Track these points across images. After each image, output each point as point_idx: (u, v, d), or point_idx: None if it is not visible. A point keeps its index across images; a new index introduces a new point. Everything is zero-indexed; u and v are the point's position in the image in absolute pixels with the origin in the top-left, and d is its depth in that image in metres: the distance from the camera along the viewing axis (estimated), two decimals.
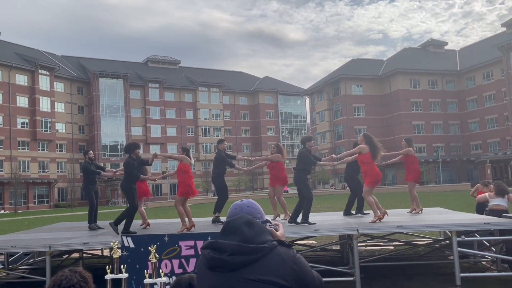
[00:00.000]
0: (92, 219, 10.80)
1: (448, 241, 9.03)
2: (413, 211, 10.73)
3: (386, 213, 9.04)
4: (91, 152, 11.07)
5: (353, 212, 10.94)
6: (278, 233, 2.17)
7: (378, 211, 8.75)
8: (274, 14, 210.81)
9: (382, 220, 8.67)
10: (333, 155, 10.58)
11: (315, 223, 8.85)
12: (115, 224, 9.10)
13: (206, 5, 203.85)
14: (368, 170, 8.85)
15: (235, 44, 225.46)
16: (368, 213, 11.11)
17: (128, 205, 9.47)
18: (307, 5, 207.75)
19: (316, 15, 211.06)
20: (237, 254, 1.90)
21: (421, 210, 10.79)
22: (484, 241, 8.88)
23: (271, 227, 2.18)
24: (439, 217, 9.64)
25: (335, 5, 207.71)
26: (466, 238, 7.81)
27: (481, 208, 10.81)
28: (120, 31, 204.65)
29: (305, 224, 8.85)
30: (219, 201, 10.31)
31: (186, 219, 9.13)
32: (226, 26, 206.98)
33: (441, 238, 10.52)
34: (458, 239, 7.40)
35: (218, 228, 8.73)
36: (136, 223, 10.52)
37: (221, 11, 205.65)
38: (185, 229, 8.69)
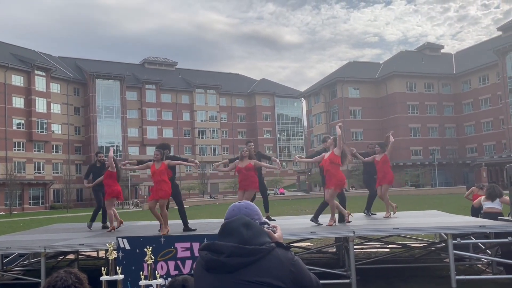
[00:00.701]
0: (94, 218, 10.98)
1: (443, 244, 9.05)
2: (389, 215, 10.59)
3: (350, 214, 9.43)
4: (101, 154, 11.42)
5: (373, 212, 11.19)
6: (276, 235, 2.16)
7: (335, 215, 8.96)
8: (270, 16, 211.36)
9: (377, 222, 8.69)
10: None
11: (321, 224, 9.01)
12: (186, 228, 9.08)
13: (201, 7, 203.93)
14: (335, 173, 8.73)
15: (231, 46, 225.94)
16: (375, 214, 11.20)
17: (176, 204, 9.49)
18: (303, 8, 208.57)
19: (312, 18, 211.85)
20: (235, 255, 1.89)
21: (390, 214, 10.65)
22: (479, 243, 8.90)
23: (269, 229, 2.18)
24: (435, 220, 9.66)
25: (331, 8, 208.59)
26: (462, 241, 7.83)
27: (477, 211, 10.83)
28: (116, 33, 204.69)
29: (313, 222, 9.11)
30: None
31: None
32: (222, 28, 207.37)
33: (437, 241, 10.54)
34: (453, 241, 7.42)
35: (214, 230, 8.72)
36: (130, 224, 10.44)
37: (217, 13, 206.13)
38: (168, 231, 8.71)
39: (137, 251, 6.53)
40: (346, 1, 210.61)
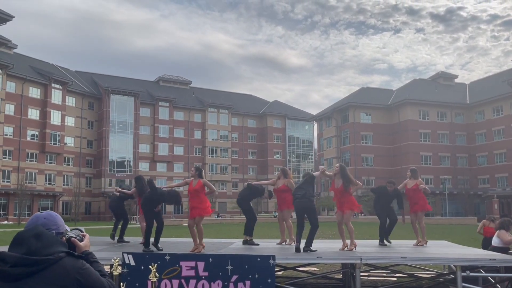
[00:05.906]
0: (119, 232, 11.09)
1: (452, 276, 8.88)
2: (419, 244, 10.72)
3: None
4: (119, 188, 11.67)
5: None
6: (81, 243, 2.29)
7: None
8: (279, 40, 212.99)
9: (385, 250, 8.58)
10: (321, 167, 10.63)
11: (316, 250, 8.79)
12: (155, 244, 9.02)
13: (211, 27, 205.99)
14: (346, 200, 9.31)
15: (238, 66, 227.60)
16: (391, 243, 11.09)
17: (156, 222, 9.48)
18: (312, 32, 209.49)
19: (321, 43, 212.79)
20: (19, 265, 1.98)
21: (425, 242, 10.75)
22: (489, 277, 8.72)
23: (76, 236, 2.29)
24: (444, 251, 9.52)
25: (340, 33, 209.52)
26: (471, 274, 7.67)
27: (488, 244, 10.65)
28: (126, 49, 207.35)
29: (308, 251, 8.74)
30: (248, 224, 10.38)
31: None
32: (229, 48, 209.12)
33: (445, 272, 10.35)
34: (462, 274, 7.28)
35: (220, 250, 8.68)
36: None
37: (225, 33, 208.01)
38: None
39: (142, 267, 6.51)
40: (355, 27, 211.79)
